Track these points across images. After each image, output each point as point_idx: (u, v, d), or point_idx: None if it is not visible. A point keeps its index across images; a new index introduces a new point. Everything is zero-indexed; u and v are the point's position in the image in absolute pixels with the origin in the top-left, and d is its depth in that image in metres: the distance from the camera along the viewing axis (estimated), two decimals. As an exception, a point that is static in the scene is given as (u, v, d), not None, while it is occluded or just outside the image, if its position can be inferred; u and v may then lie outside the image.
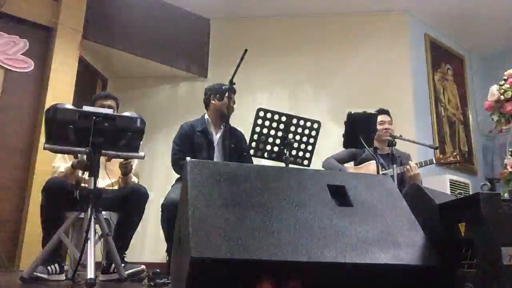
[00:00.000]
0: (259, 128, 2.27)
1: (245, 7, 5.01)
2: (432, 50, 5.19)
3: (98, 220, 2.23)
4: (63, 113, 2.15)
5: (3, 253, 3.31)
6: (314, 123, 2.35)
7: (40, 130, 3.73)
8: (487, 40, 5.55)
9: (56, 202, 2.46)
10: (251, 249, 1.36)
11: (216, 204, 1.48)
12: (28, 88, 3.91)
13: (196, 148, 2.94)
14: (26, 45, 3.88)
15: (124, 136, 2.24)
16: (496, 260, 1.32)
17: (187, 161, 1.64)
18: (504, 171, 2.63)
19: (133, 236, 2.75)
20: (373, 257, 1.46)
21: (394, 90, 4.69)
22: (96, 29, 4.46)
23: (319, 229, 1.50)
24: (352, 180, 1.78)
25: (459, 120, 5.42)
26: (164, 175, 4.25)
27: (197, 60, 5.15)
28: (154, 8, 4.90)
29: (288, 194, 1.61)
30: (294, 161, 2.34)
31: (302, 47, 5.02)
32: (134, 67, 5.06)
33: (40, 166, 3.68)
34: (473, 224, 1.43)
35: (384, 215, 1.65)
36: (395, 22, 4.99)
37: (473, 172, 5.33)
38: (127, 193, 2.72)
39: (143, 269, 2.62)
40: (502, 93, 2.66)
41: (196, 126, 3.01)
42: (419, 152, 4.15)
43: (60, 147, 2.24)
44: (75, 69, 4.14)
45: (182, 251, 1.48)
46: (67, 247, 2.30)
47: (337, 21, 5.05)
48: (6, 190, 3.62)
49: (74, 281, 2.22)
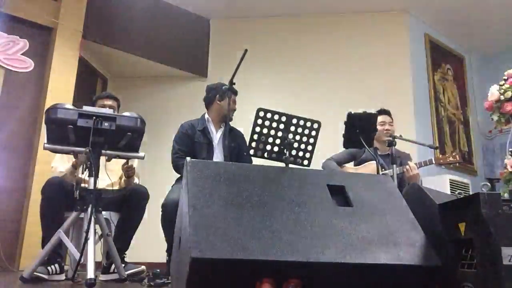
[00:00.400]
0: (259, 128, 2.27)
1: (245, 7, 5.01)
2: (432, 50, 5.19)
3: (98, 220, 2.23)
4: (63, 113, 2.15)
5: (3, 253, 3.30)
6: (314, 123, 2.35)
7: (40, 130, 3.73)
8: (487, 40, 5.55)
9: (56, 202, 2.46)
10: (251, 249, 1.36)
11: (216, 204, 1.48)
12: (28, 88, 3.90)
13: (197, 148, 2.94)
14: (26, 45, 3.87)
15: (124, 136, 2.25)
16: (496, 260, 1.32)
17: (187, 161, 1.64)
18: (504, 171, 2.63)
19: (133, 236, 2.75)
20: (373, 257, 1.46)
21: (394, 90, 4.69)
22: (96, 29, 4.46)
23: (319, 229, 1.50)
24: (352, 180, 1.79)
25: (459, 120, 5.42)
26: (164, 175, 4.23)
27: (197, 60, 5.15)
28: (154, 8, 4.90)
29: (288, 194, 1.61)
30: (294, 161, 2.34)
31: (302, 47, 5.02)
32: (134, 67, 5.06)
33: (40, 166, 3.68)
34: (473, 224, 1.42)
35: (384, 215, 1.65)
36: (395, 22, 4.99)
37: (473, 172, 5.33)
38: (127, 193, 2.73)
39: (143, 270, 2.62)
40: (502, 93, 2.66)
41: (196, 126, 3.01)
42: (419, 152, 4.15)
43: (60, 147, 2.25)
44: (75, 69, 4.14)
45: (182, 251, 1.48)
46: (67, 247, 2.30)
47: (337, 21, 5.05)
48: (6, 190, 3.62)
49: (74, 281, 2.22)
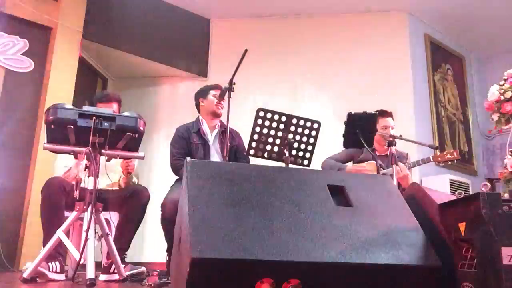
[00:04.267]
0: (259, 128, 2.27)
1: (245, 7, 5.01)
2: (432, 50, 5.19)
3: (98, 220, 2.23)
4: (63, 113, 2.14)
5: (3, 253, 3.30)
6: (314, 123, 2.35)
7: (40, 130, 3.73)
8: (487, 40, 5.55)
9: (56, 202, 2.46)
10: (251, 249, 1.36)
11: (216, 204, 1.48)
12: (28, 88, 3.90)
13: (193, 149, 2.97)
14: (26, 45, 3.87)
15: (124, 136, 2.24)
16: (496, 260, 1.32)
17: (187, 161, 1.64)
18: (504, 171, 2.63)
19: (133, 236, 2.75)
20: (373, 257, 1.46)
21: (394, 90, 4.69)
22: (96, 29, 4.46)
23: (319, 229, 1.50)
24: (352, 180, 1.78)
25: (459, 120, 5.42)
26: (164, 175, 4.24)
27: (197, 60, 5.16)
28: (154, 8, 4.90)
29: (288, 194, 1.61)
30: (294, 161, 2.34)
31: (302, 47, 5.02)
32: (134, 67, 5.06)
33: (40, 166, 3.68)
34: (473, 224, 1.42)
35: (384, 215, 1.65)
36: (395, 22, 4.99)
37: (473, 172, 5.33)
38: (128, 193, 2.72)
39: (143, 271, 2.62)
40: (502, 93, 2.66)
41: (191, 128, 3.06)
42: (419, 152, 4.15)
43: (60, 147, 2.24)
44: (75, 69, 4.14)
45: (182, 251, 1.48)
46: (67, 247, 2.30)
47: (337, 21, 5.05)
48: (6, 190, 3.62)
49: (74, 281, 2.22)
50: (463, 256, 1.48)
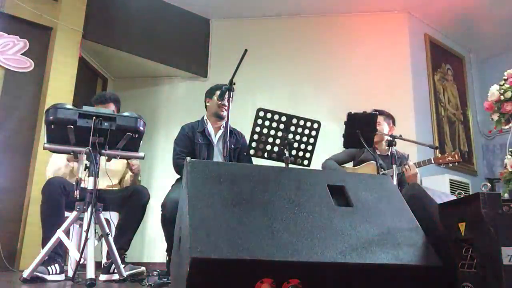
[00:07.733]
0: (259, 128, 2.27)
1: (245, 7, 5.01)
2: (432, 50, 5.19)
3: (98, 220, 2.23)
4: (63, 113, 2.14)
5: (3, 253, 3.30)
6: (314, 123, 2.35)
7: (40, 130, 3.73)
8: (487, 40, 5.55)
9: (56, 202, 2.46)
10: (251, 249, 1.36)
11: (216, 204, 1.48)
12: (28, 88, 3.90)
13: (197, 149, 2.96)
14: (26, 45, 3.87)
15: (124, 136, 2.24)
16: (496, 260, 1.32)
17: (187, 161, 1.64)
18: (504, 171, 2.63)
19: (133, 236, 2.75)
20: (373, 257, 1.46)
21: (394, 90, 4.69)
22: (96, 29, 4.46)
23: (319, 229, 1.50)
24: (352, 180, 1.78)
25: (459, 120, 5.42)
26: (164, 175, 4.24)
27: (197, 60, 5.15)
28: (154, 8, 4.90)
29: (288, 194, 1.61)
30: (294, 161, 2.34)
31: (302, 47, 5.02)
32: (134, 67, 5.06)
33: (40, 166, 3.68)
34: (473, 224, 1.42)
35: (384, 215, 1.65)
36: (395, 22, 4.99)
37: (473, 172, 5.33)
38: (128, 193, 2.73)
39: (143, 271, 2.62)
40: (502, 93, 2.65)
41: (196, 127, 3.05)
42: (419, 152, 4.15)
43: (60, 147, 2.24)
44: (75, 69, 4.14)
45: (182, 251, 1.48)
46: (67, 247, 2.30)
47: (337, 21, 5.05)
48: (6, 190, 3.62)
49: (74, 281, 2.22)
50: (463, 256, 1.48)
